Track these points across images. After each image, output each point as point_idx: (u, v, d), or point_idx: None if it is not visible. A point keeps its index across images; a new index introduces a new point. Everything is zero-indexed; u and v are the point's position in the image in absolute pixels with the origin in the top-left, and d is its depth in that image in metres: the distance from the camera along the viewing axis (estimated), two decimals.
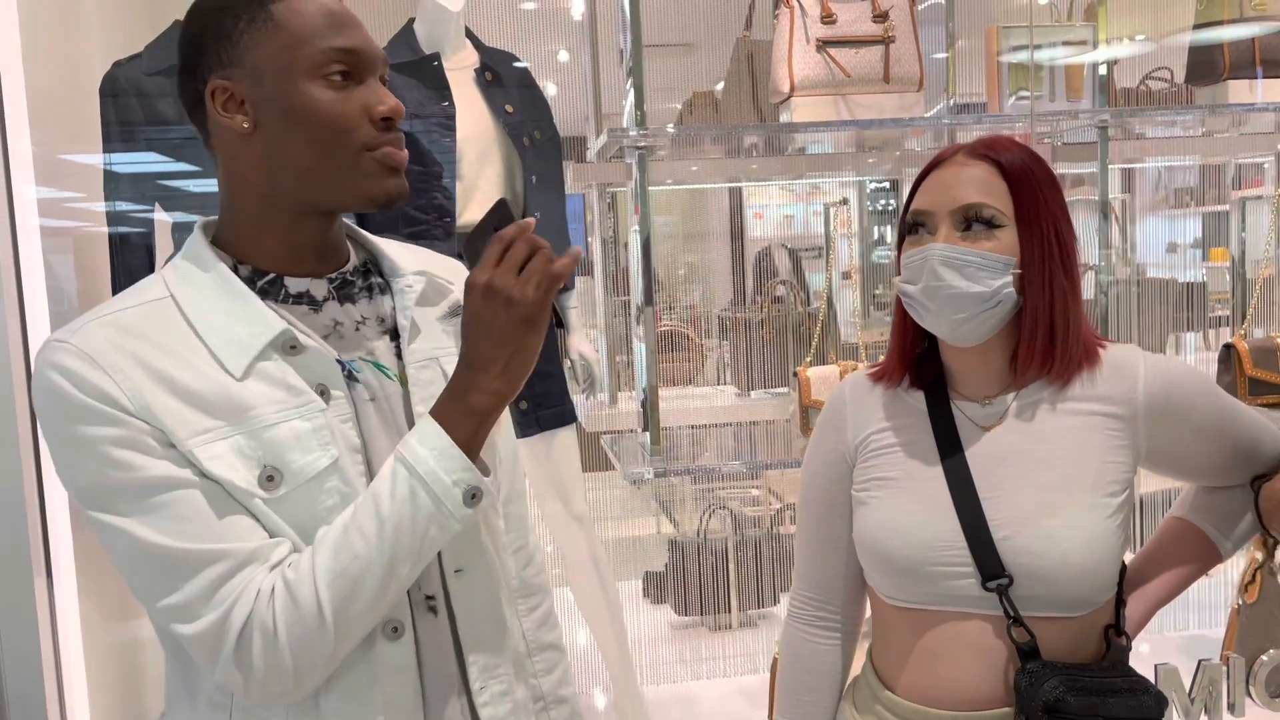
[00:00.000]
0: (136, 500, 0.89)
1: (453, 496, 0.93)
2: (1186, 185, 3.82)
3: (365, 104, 0.96)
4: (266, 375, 0.94)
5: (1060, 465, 1.17)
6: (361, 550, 0.92)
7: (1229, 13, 2.42)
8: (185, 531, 0.89)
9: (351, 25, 0.98)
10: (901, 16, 2.35)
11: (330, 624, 0.91)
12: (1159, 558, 1.32)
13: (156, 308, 0.95)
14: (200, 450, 0.90)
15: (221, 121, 0.96)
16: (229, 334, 0.94)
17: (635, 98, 2.25)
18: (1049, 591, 1.13)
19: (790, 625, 1.35)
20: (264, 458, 0.92)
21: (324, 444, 0.95)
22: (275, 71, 0.94)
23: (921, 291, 1.17)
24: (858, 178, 3.58)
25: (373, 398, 1.01)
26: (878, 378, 1.30)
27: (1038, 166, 1.19)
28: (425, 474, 0.93)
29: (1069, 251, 1.19)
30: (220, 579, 0.90)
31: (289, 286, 1.00)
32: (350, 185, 0.97)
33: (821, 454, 1.31)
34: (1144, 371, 1.20)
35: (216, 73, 0.95)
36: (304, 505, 0.94)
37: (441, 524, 0.94)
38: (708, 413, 3.03)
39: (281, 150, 0.95)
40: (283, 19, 0.95)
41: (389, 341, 1.05)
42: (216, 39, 0.95)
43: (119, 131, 1.95)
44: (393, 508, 0.92)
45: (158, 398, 0.90)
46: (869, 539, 1.22)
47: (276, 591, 0.91)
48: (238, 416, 0.92)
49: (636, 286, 2.34)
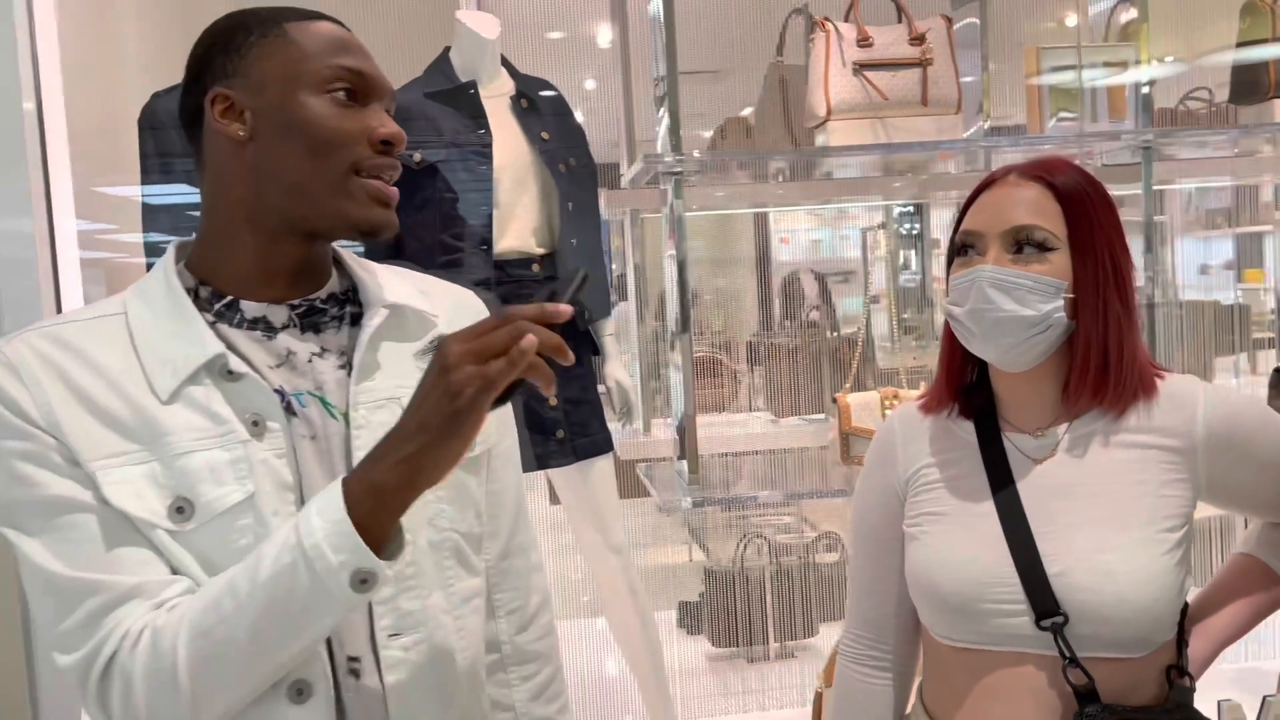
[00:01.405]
0: (36, 518, 0.87)
1: (337, 579, 0.82)
2: (1219, 206, 3.77)
3: (366, 125, 0.94)
4: (192, 401, 0.90)
5: (1115, 499, 1.13)
6: (229, 613, 0.84)
7: (1273, 31, 2.38)
8: (74, 557, 0.87)
9: (362, 52, 0.97)
10: (939, 39, 2.32)
11: (186, 688, 0.84)
12: (1224, 595, 1.28)
13: (106, 323, 0.93)
14: (104, 474, 0.87)
15: (216, 128, 0.94)
16: (165, 354, 0.91)
17: (670, 123, 2.24)
18: (1106, 630, 1.09)
19: (842, 664, 1.32)
20: (176, 487, 0.88)
21: (240, 478, 0.90)
22: (280, 82, 0.93)
23: (969, 314, 1.14)
24: (884, 202, 3.56)
25: (313, 435, 0.95)
26: (927, 408, 1.27)
27: (1093, 189, 1.16)
28: (310, 547, 0.82)
29: (1125, 277, 1.16)
30: (98, 612, 0.86)
31: (245, 310, 0.96)
32: (336, 207, 0.94)
33: (872, 489, 1.28)
34: (1204, 404, 1.16)
35: (220, 83, 0.94)
36: (215, 542, 0.89)
37: (322, 604, 0.83)
38: (741, 439, 2.99)
39: (273, 162, 0.93)
40: (295, 36, 0.94)
41: (345, 375, 0.98)
42: (225, 52, 0.95)
43: (157, 163, 1.95)
44: (271, 574, 0.83)
45: (71, 415, 0.88)
46: (920, 576, 1.19)
47: (143, 637, 0.86)
48: (153, 442, 0.89)
49: (672, 312, 2.32)
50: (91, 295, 1.83)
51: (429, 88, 2.16)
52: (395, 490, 0.84)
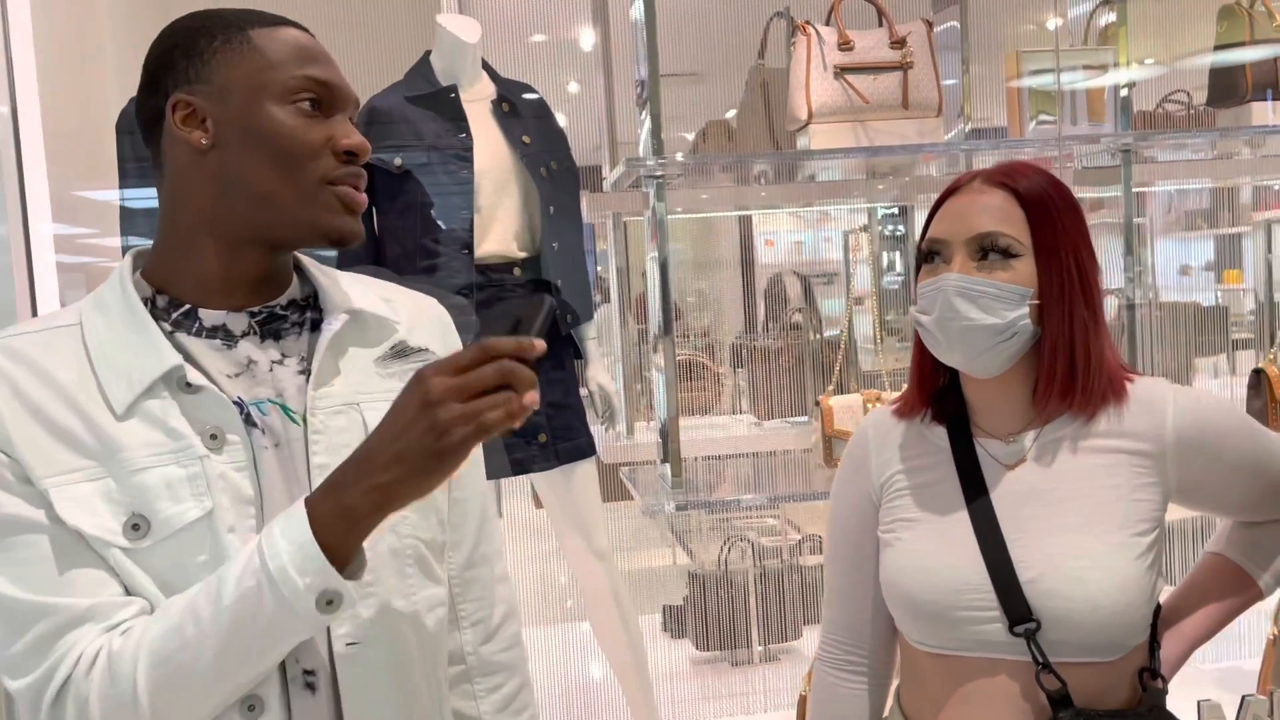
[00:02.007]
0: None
1: (303, 601, 0.81)
2: (1199, 208, 3.80)
3: (330, 135, 0.93)
4: (148, 415, 0.88)
5: (1086, 505, 1.14)
6: (192, 637, 0.83)
7: (1248, 37, 2.40)
8: (24, 578, 0.84)
9: (327, 61, 0.96)
10: (919, 42, 2.33)
11: (145, 713, 0.83)
12: (1195, 595, 1.28)
13: (61, 334, 0.91)
14: (57, 491, 0.85)
15: (177, 135, 0.92)
16: (120, 366, 0.89)
17: (652, 126, 2.23)
18: (1078, 636, 1.10)
19: (819, 669, 1.32)
20: (131, 504, 0.86)
21: (198, 494, 0.88)
22: (244, 91, 0.91)
23: (935, 322, 1.15)
24: (868, 204, 3.57)
25: (275, 443, 0.93)
26: (900, 413, 1.27)
27: (1057, 193, 1.16)
28: (275, 570, 0.81)
29: (1090, 281, 1.16)
30: (49, 636, 0.84)
31: (203, 319, 0.94)
32: (305, 216, 0.93)
33: (847, 495, 1.28)
34: (1173, 407, 1.16)
35: (181, 88, 0.92)
36: (172, 560, 0.87)
37: (288, 625, 0.83)
38: (725, 442, 2.99)
39: (238, 172, 0.92)
40: (260, 43, 0.92)
41: (305, 381, 0.96)
42: (186, 56, 0.92)
43: (135, 167, 1.94)
44: (235, 597, 0.82)
45: (22, 430, 0.86)
46: (893, 583, 1.19)
47: (99, 662, 0.84)
48: (108, 457, 0.87)
49: (655, 315, 2.32)
50: (69, 300, 1.82)
51: (409, 92, 2.15)
52: (365, 515, 0.83)
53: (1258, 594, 1.27)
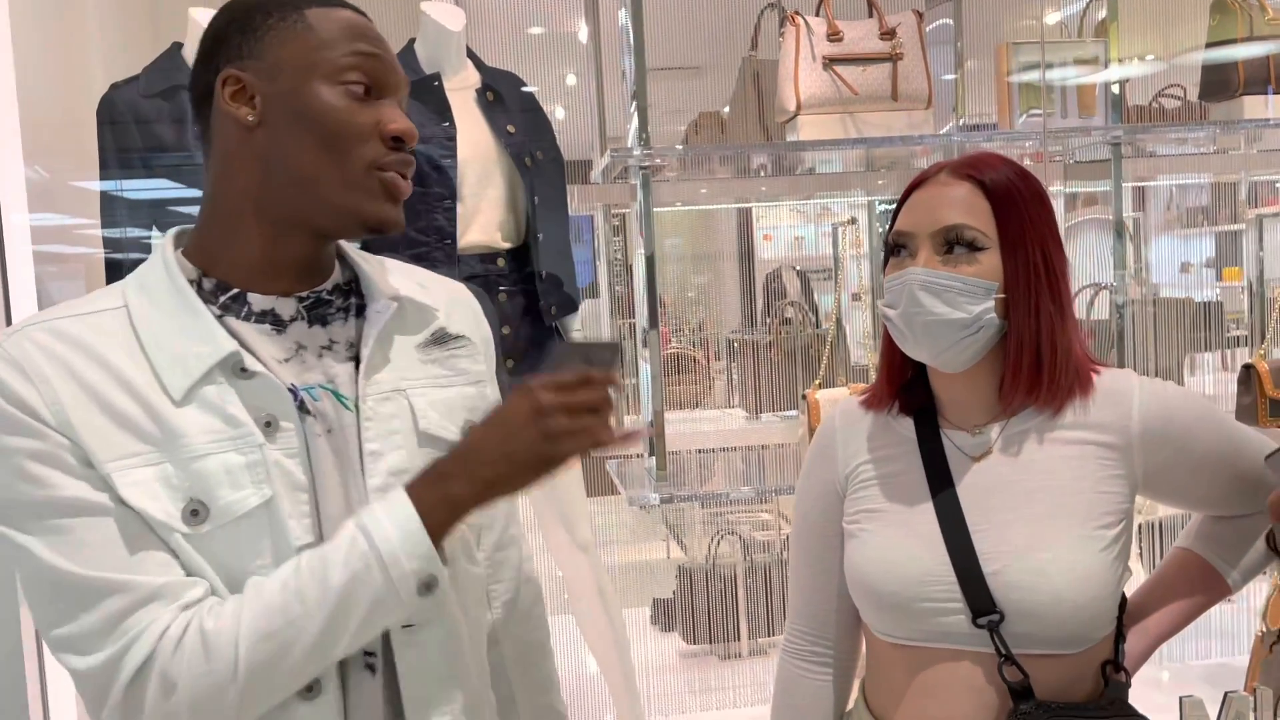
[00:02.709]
0: (44, 519, 0.84)
1: (408, 584, 0.86)
2: (1199, 204, 3.78)
3: (379, 119, 0.91)
4: (206, 401, 0.88)
5: (1051, 496, 1.13)
6: (298, 616, 0.84)
7: (1242, 31, 2.38)
8: (90, 558, 0.83)
9: (380, 43, 0.94)
10: (909, 34, 2.32)
11: (241, 687, 0.84)
12: (1162, 590, 1.27)
13: (108, 318, 0.90)
14: (120, 475, 0.85)
15: (226, 110, 0.91)
16: (175, 352, 0.88)
17: (639, 119, 2.23)
18: (1041, 628, 1.09)
19: (784, 660, 1.31)
20: (190, 490, 0.86)
21: (257, 481, 0.88)
22: (294, 69, 0.90)
23: (901, 316, 1.14)
24: (867, 197, 3.56)
25: (329, 429, 0.93)
26: (868, 404, 1.26)
27: (1024, 184, 1.15)
28: (386, 553, 0.85)
29: (1057, 273, 1.15)
30: (121, 613, 0.84)
31: (253, 304, 0.94)
32: (348, 202, 0.91)
33: (812, 484, 1.27)
34: (1138, 398, 1.16)
35: (233, 63, 0.91)
36: (230, 546, 0.87)
37: (389, 608, 0.86)
38: (716, 436, 2.99)
39: (283, 152, 0.91)
40: (314, 22, 0.91)
41: (354, 368, 0.96)
42: (241, 32, 0.92)
43: (116, 156, 1.94)
44: (343, 579, 0.85)
45: (83, 414, 0.85)
46: (858, 573, 1.19)
47: (187, 640, 0.84)
48: (167, 444, 0.86)
49: (641, 309, 2.31)
50: (48, 289, 1.82)
51: None
52: (466, 506, 0.88)
53: (1225, 590, 1.26)
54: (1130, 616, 1.23)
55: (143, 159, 1.94)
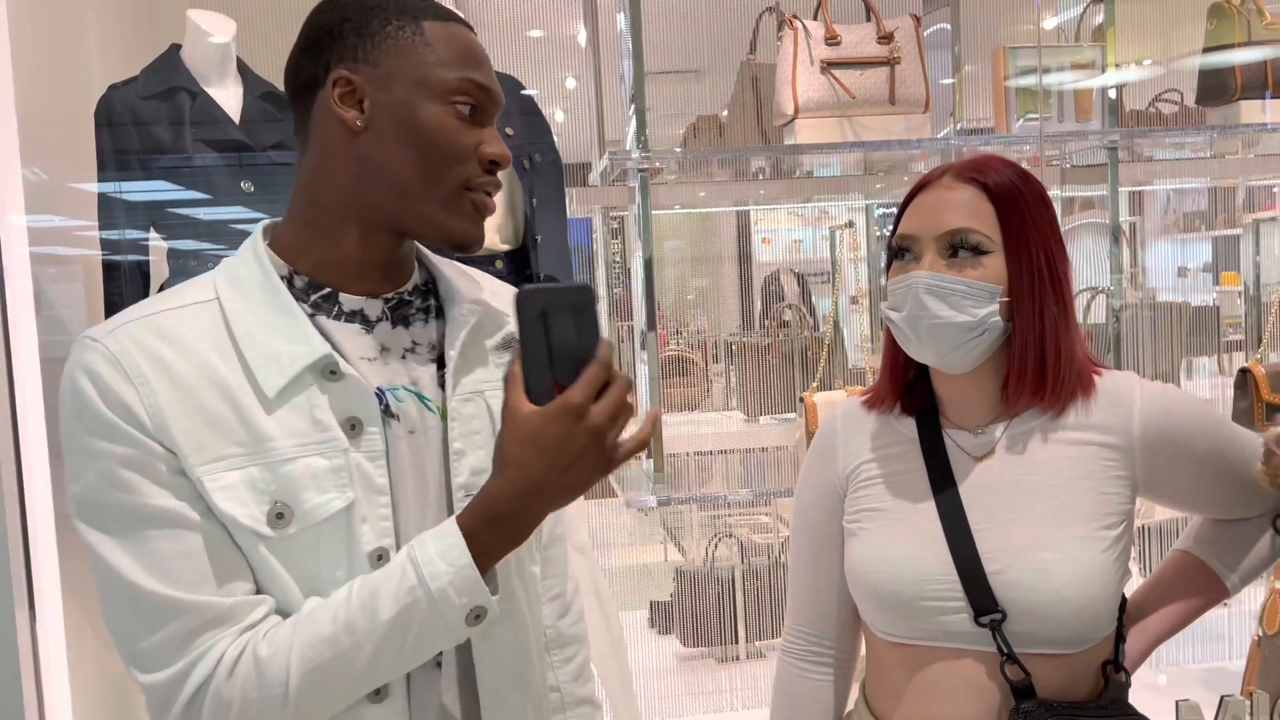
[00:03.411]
0: (127, 525, 0.85)
1: (456, 617, 0.88)
2: (1196, 209, 3.78)
3: (480, 142, 0.94)
4: (295, 403, 0.89)
5: (1054, 497, 1.14)
6: (347, 649, 0.86)
7: (1239, 35, 2.39)
8: (167, 573, 0.85)
9: (488, 66, 0.96)
10: (906, 38, 2.32)
11: (292, 710, 0.86)
12: (1161, 591, 1.28)
13: (201, 311, 0.91)
14: (210, 480, 0.86)
15: (332, 110, 0.92)
16: (269, 350, 0.89)
17: (638, 121, 2.23)
18: (1043, 628, 1.10)
19: (784, 661, 1.32)
20: (276, 493, 0.87)
21: (340, 486, 0.90)
22: (408, 82, 0.92)
23: (906, 320, 1.15)
24: (865, 201, 3.56)
25: (411, 431, 0.96)
26: (870, 404, 1.27)
27: (1027, 187, 1.15)
28: (436, 591, 0.86)
29: (1060, 276, 1.16)
30: (190, 634, 0.86)
31: (343, 303, 0.95)
32: (439, 218, 0.93)
33: (813, 484, 1.28)
34: (1139, 400, 1.17)
35: (345, 64, 0.92)
36: (309, 548, 0.89)
37: (439, 639, 0.89)
38: (714, 438, 2.99)
39: (383, 159, 0.92)
40: (433, 37, 0.93)
41: (435, 370, 0.99)
42: (358, 33, 0.92)
43: (114, 158, 1.93)
44: (393, 613, 0.86)
45: (179, 417, 0.86)
46: (859, 573, 1.19)
47: (242, 665, 0.86)
48: (256, 446, 0.88)
49: (639, 311, 2.31)
50: (50, 292, 1.82)
51: None
52: (523, 537, 0.89)
53: (1223, 592, 1.27)
54: (1129, 617, 1.24)
55: (141, 161, 1.94)
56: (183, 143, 1.94)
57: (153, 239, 2.01)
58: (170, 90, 1.96)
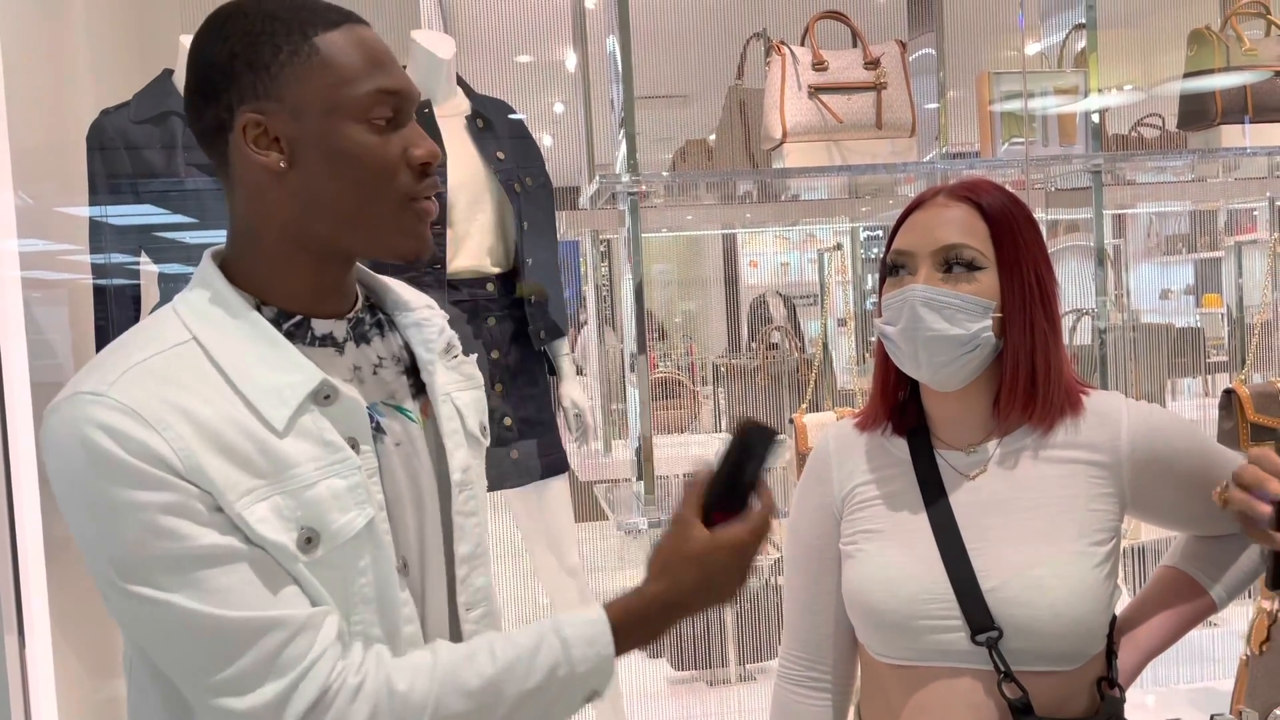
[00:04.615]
0: (183, 573, 0.83)
1: (579, 699, 0.93)
2: (1179, 231, 3.83)
3: (405, 147, 0.92)
4: (304, 430, 0.89)
5: (1046, 514, 1.15)
6: (488, 705, 0.89)
7: (1219, 61, 2.43)
8: (236, 601, 0.84)
9: (393, 63, 0.93)
10: (893, 63, 2.35)
11: None
12: (1150, 607, 1.29)
13: (182, 353, 0.88)
14: (248, 513, 0.85)
15: (254, 159, 0.90)
16: (266, 383, 0.88)
17: (627, 145, 2.25)
18: (1039, 644, 1.11)
19: (780, 685, 1.32)
20: (302, 519, 0.87)
21: (360, 503, 0.90)
22: (318, 111, 0.89)
23: (901, 333, 1.16)
24: (852, 224, 3.59)
25: (397, 443, 0.97)
26: (862, 426, 1.28)
27: (1017, 209, 1.18)
28: (581, 674, 0.91)
29: (1049, 294, 1.18)
30: (277, 648, 0.84)
31: (314, 328, 0.95)
32: (385, 236, 0.92)
33: (808, 507, 1.28)
34: (1127, 419, 1.19)
35: (249, 104, 0.89)
36: (338, 569, 0.89)
37: (558, 711, 0.93)
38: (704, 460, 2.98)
39: (318, 192, 0.90)
40: (328, 55, 0.89)
41: (406, 380, 1.01)
42: (251, 68, 0.88)
43: (105, 182, 1.94)
44: (537, 685, 0.90)
45: (209, 456, 0.84)
46: (856, 593, 1.20)
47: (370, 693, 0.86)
48: (278, 475, 0.87)
49: (630, 334, 2.32)
50: (39, 316, 1.81)
51: None
52: (656, 636, 0.95)
53: (1210, 606, 1.28)
54: (1119, 632, 1.25)
55: (132, 185, 1.95)
56: (174, 166, 1.95)
57: (143, 263, 2.01)
58: (162, 115, 1.97)
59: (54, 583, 1.63)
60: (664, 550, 0.95)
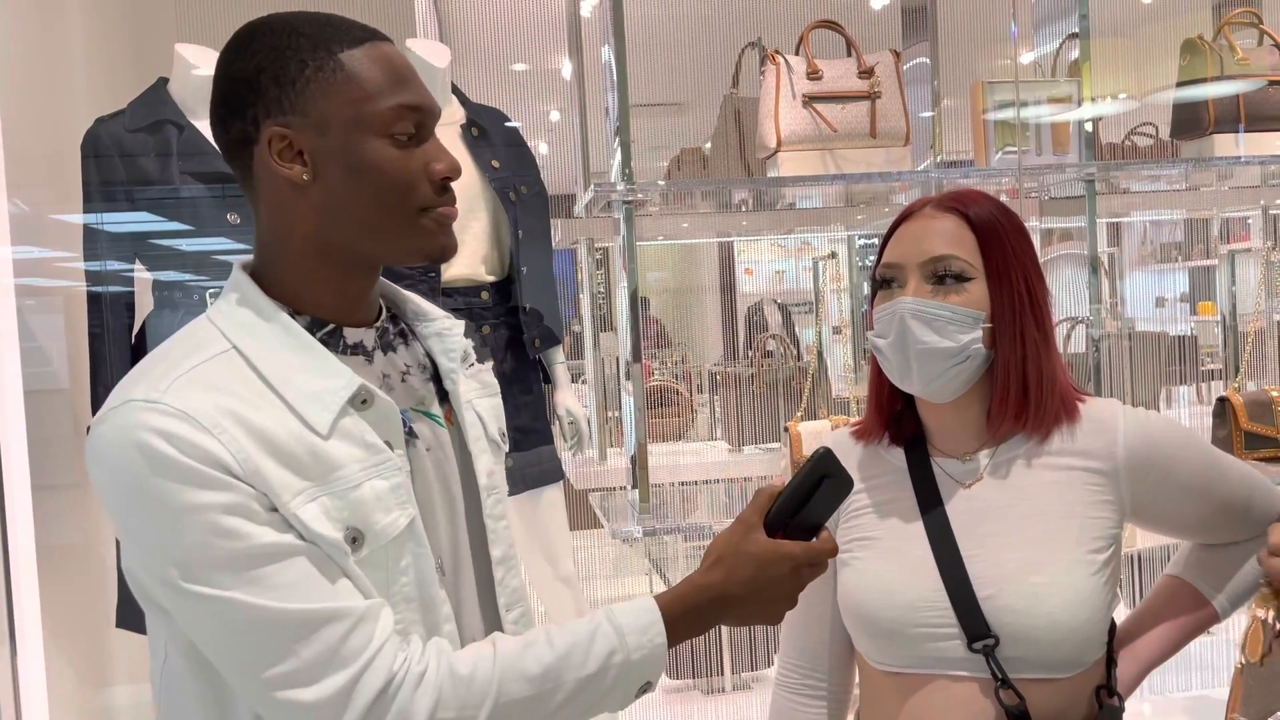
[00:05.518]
0: (243, 571, 0.85)
1: (634, 687, 0.94)
2: (1173, 240, 3.84)
3: (425, 162, 0.94)
4: (346, 433, 0.91)
5: (1042, 522, 1.15)
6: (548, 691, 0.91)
7: (1212, 70, 2.44)
8: (297, 594, 0.86)
9: (415, 79, 0.96)
10: (887, 73, 2.36)
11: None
12: (1152, 616, 1.30)
13: (225, 361, 0.91)
14: (302, 512, 0.88)
15: (279, 171, 0.92)
16: (307, 389, 0.91)
17: (623, 154, 2.25)
18: (1036, 652, 1.11)
19: (778, 694, 1.32)
20: (348, 519, 0.90)
21: (402, 503, 0.93)
22: (342, 125, 0.92)
23: (891, 346, 1.16)
24: (847, 232, 3.59)
25: (428, 448, 1.00)
26: (859, 436, 1.28)
27: (1006, 218, 1.18)
28: (635, 662, 0.93)
29: (1040, 303, 1.18)
30: (340, 639, 0.86)
31: (346, 337, 0.98)
32: (407, 243, 0.96)
33: None
34: (1123, 426, 1.18)
35: (275, 119, 0.92)
36: (381, 568, 0.92)
37: (611, 701, 0.94)
38: (699, 469, 2.99)
39: (341, 204, 0.93)
40: (353, 71, 0.92)
41: (434, 388, 1.04)
42: (278, 83, 0.91)
43: (100, 190, 1.94)
44: (594, 673, 0.92)
45: (264, 459, 0.87)
46: (852, 601, 1.20)
47: (434, 679, 0.88)
48: (325, 476, 0.89)
49: (625, 342, 2.32)
50: (34, 323, 1.81)
51: None
52: (705, 628, 0.97)
53: (1213, 616, 1.28)
54: (1119, 642, 1.25)
55: (127, 193, 1.95)
56: (169, 175, 1.95)
57: (138, 271, 2.01)
58: (157, 123, 1.97)
59: (46, 591, 1.63)
60: (722, 543, 0.97)
